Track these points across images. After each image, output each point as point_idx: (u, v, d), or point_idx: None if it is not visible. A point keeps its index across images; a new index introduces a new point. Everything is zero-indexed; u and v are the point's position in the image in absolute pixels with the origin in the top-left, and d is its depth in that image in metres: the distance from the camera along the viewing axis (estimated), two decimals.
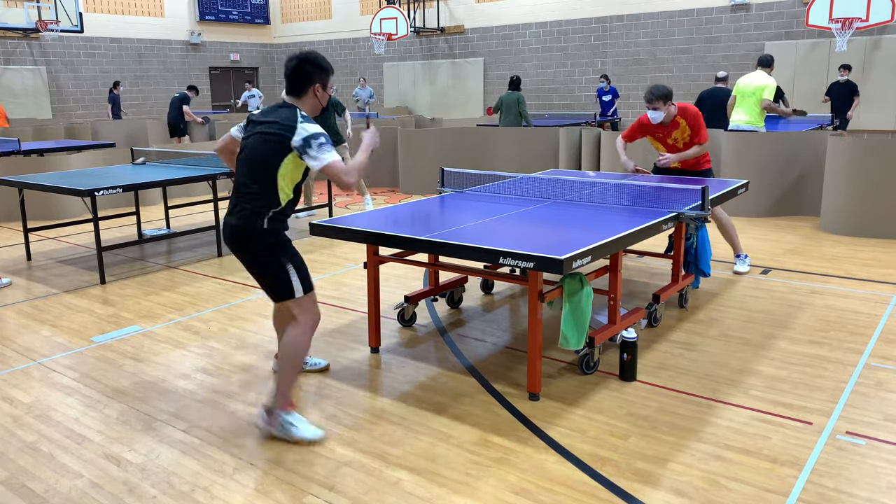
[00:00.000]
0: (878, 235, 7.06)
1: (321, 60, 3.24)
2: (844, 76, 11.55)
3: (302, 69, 3.20)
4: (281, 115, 3.17)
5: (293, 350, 3.22)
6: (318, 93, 3.25)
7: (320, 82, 3.24)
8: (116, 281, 5.97)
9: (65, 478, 2.94)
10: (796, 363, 4.01)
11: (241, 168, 3.24)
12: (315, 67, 3.22)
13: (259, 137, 3.18)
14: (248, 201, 3.16)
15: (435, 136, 10.34)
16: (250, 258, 3.22)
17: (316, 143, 3.09)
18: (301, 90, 3.23)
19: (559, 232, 3.70)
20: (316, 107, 3.29)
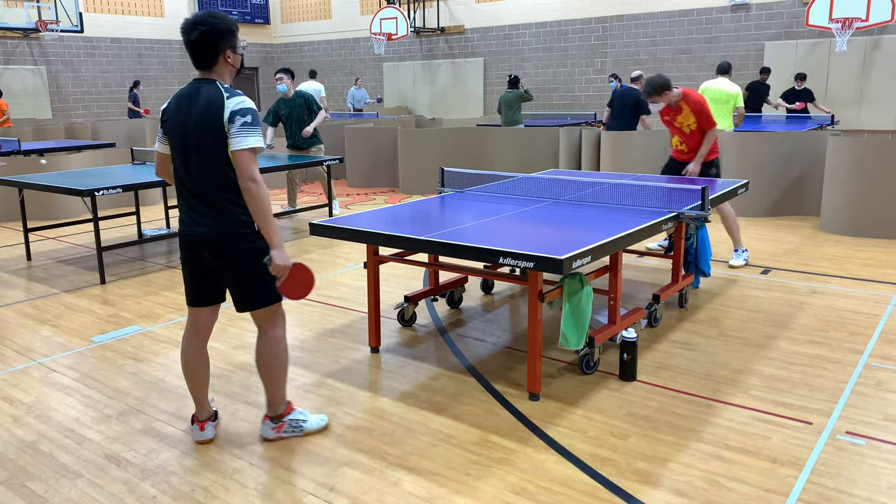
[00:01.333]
0: (878, 235, 7.06)
1: (225, 22, 2.87)
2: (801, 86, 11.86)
3: (206, 39, 2.83)
4: (203, 96, 2.82)
5: (282, 353, 3.10)
6: (229, 58, 2.92)
7: (229, 46, 2.90)
8: (116, 281, 5.97)
9: (65, 478, 2.94)
10: (796, 363, 4.01)
11: (188, 173, 2.88)
12: (219, 33, 2.85)
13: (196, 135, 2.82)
14: (214, 203, 2.85)
15: (435, 136, 10.34)
16: (235, 262, 2.92)
17: (240, 120, 2.76)
18: (212, 61, 2.89)
19: (559, 232, 3.70)
20: (232, 72, 2.97)
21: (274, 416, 3.18)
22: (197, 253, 2.98)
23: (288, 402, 3.22)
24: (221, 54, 2.90)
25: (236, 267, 2.93)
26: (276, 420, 3.18)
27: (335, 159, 7.81)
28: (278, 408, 3.18)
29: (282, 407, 3.19)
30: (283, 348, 3.11)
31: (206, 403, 3.25)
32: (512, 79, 11.29)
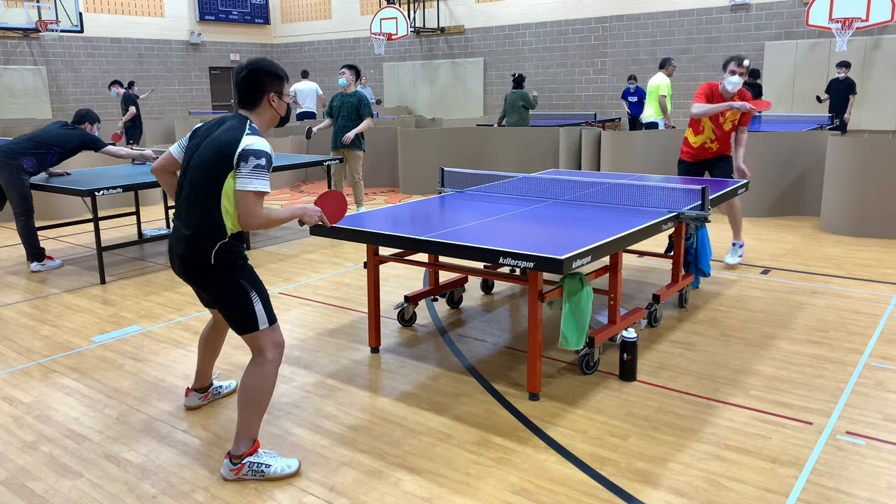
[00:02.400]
0: (878, 235, 7.06)
1: (274, 67, 2.94)
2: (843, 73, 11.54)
3: (253, 78, 2.90)
4: (226, 126, 2.87)
5: (263, 387, 2.90)
6: (273, 102, 2.95)
7: (275, 91, 2.94)
8: (116, 281, 5.97)
9: (65, 478, 2.94)
10: (796, 363, 4.01)
11: (184, 190, 2.90)
12: (267, 75, 2.92)
13: (200, 157, 2.84)
14: (192, 228, 2.83)
15: (435, 136, 10.34)
16: (205, 289, 2.91)
17: (252, 161, 2.73)
18: (254, 101, 2.93)
19: (559, 232, 3.70)
20: (273, 118, 3.01)
21: (235, 454, 2.90)
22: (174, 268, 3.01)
23: (254, 442, 2.94)
24: (265, 96, 2.94)
25: (208, 293, 2.92)
26: (236, 460, 2.89)
27: (335, 159, 7.81)
28: (241, 445, 2.91)
29: (245, 445, 2.91)
30: (265, 379, 2.91)
31: (203, 377, 3.53)
32: (517, 77, 11.20)
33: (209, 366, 3.54)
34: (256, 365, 2.93)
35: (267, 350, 2.92)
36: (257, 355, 2.93)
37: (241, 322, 2.90)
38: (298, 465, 2.96)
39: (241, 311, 2.88)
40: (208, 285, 2.89)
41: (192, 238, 2.83)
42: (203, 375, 3.55)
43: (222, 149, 2.77)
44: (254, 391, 2.90)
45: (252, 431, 2.92)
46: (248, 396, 2.90)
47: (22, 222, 6.15)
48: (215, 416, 3.48)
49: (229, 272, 2.88)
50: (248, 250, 7.01)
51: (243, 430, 2.92)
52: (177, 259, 2.91)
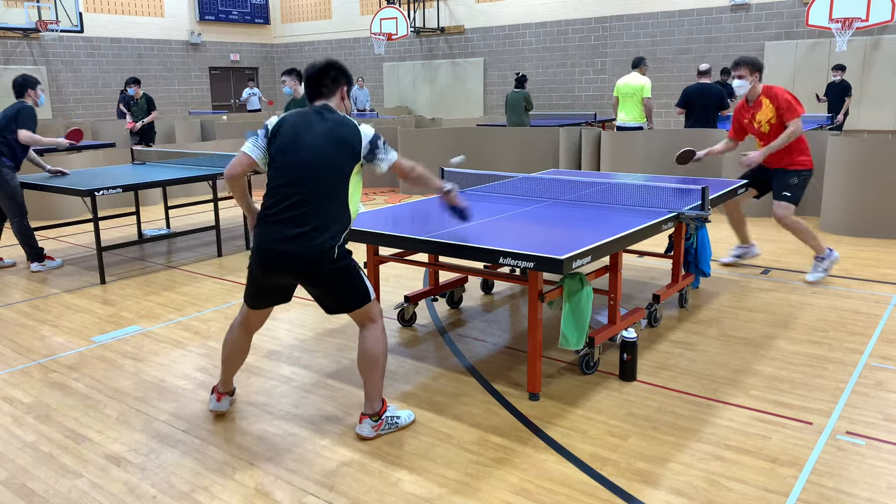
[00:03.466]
0: (878, 235, 7.06)
1: (345, 68, 3.21)
2: (838, 77, 11.59)
3: (330, 70, 3.13)
4: (334, 120, 3.03)
5: (381, 351, 3.16)
6: (344, 97, 3.18)
7: (346, 86, 3.19)
8: (116, 281, 5.97)
9: (65, 478, 2.94)
10: (796, 363, 4.01)
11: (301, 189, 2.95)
12: (340, 71, 3.16)
13: (319, 153, 2.96)
14: (317, 224, 2.94)
15: (435, 136, 10.34)
16: (323, 282, 3.03)
17: (381, 142, 3.08)
18: (331, 91, 3.13)
19: (559, 232, 3.70)
20: (341, 110, 3.18)
21: (373, 413, 3.20)
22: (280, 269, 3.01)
23: (383, 400, 3.24)
24: (340, 88, 3.15)
25: (327, 286, 3.04)
26: (375, 418, 3.19)
27: None
28: (376, 404, 3.20)
29: (379, 404, 3.21)
30: (383, 343, 3.18)
31: (230, 381, 3.48)
32: (519, 77, 11.23)
33: (236, 370, 3.47)
34: (372, 331, 3.15)
35: (377, 316, 3.17)
36: (369, 323, 3.15)
37: (358, 299, 3.09)
38: (415, 416, 3.36)
39: (358, 290, 3.09)
40: (331, 278, 3.00)
41: (316, 234, 2.92)
42: (230, 380, 3.49)
43: (348, 143, 2.99)
44: (378, 356, 3.14)
45: (381, 390, 3.20)
46: (373, 361, 3.13)
47: (16, 223, 6.12)
48: (215, 415, 3.48)
49: (348, 259, 3.05)
50: (248, 251, 7.01)
51: (374, 390, 3.17)
52: (292, 259, 2.94)
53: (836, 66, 11.64)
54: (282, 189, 2.98)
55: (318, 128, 3.00)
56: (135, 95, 11.36)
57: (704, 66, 9.38)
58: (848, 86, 11.59)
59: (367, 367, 3.16)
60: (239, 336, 3.35)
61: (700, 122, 9.13)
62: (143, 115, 11.41)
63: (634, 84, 9.43)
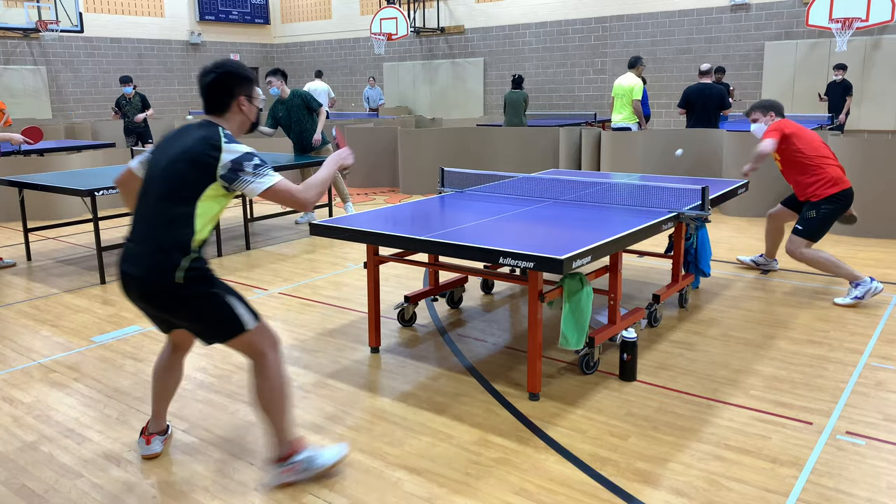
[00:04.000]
0: (878, 235, 7.06)
1: (241, 69, 2.77)
2: (839, 76, 11.59)
3: (220, 82, 2.72)
4: (198, 134, 2.65)
5: (278, 388, 2.76)
6: (243, 107, 2.78)
7: (244, 94, 2.77)
8: (116, 281, 5.97)
9: (65, 478, 2.94)
10: (796, 363, 4.01)
11: (144, 205, 2.67)
12: (236, 77, 2.74)
13: (171, 165, 2.62)
14: (154, 247, 2.59)
15: (435, 136, 10.34)
16: (171, 310, 2.64)
17: (250, 163, 2.61)
18: (223, 106, 2.75)
19: (559, 232, 3.70)
20: (244, 123, 2.83)
21: (280, 457, 2.82)
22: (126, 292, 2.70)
23: (294, 441, 2.84)
24: (235, 101, 2.76)
25: (178, 314, 2.66)
26: (281, 463, 2.82)
27: None
28: (282, 447, 2.81)
29: (287, 446, 2.82)
30: (275, 377, 2.76)
31: (161, 417, 3.10)
32: (516, 78, 11.29)
33: (168, 403, 3.11)
34: (260, 371, 2.75)
35: (265, 350, 2.75)
36: (257, 359, 2.75)
37: (226, 328, 2.68)
38: (347, 451, 3.03)
39: (222, 318, 2.67)
40: (177, 305, 2.62)
41: (156, 254, 2.57)
42: (161, 415, 3.11)
43: (198, 158, 2.58)
44: (270, 398, 2.75)
45: (286, 432, 2.81)
46: (266, 404, 2.76)
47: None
48: (216, 415, 3.48)
49: (200, 285, 2.63)
50: (248, 250, 7.01)
51: (278, 433, 2.80)
52: (135, 281, 2.61)
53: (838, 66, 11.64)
54: (137, 205, 2.72)
55: (180, 142, 2.67)
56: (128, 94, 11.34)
57: (705, 66, 9.35)
58: (849, 85, 11.60)
59: (261, 406, 2.76)
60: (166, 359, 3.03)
61: (701, 122, 9.13)
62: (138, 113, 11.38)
63: (625, 85, 9.47)
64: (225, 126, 2.75)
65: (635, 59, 9.53)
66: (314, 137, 7.88)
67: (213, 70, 2.73)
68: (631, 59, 9.56)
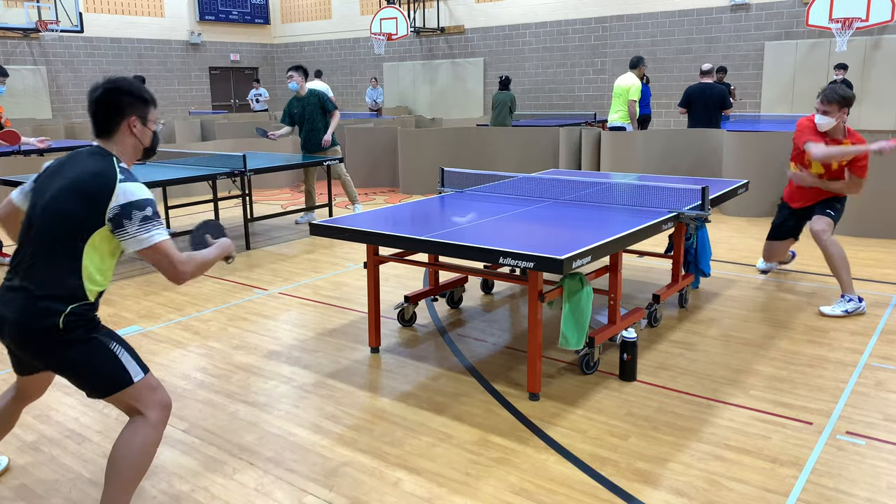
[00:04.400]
0: (878, 235, 7.06)
1: (134, 87, 2.44)
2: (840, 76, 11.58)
3: (108, 100, 2.39)
4: (90, 167, 2.33)
5: (142, 458, 2.36)
6: (134, 128, 2.44)
7: (137, 114, 2.44)
8: (116, 281, 5.97)
9: (65, 478, 2.94)
10: (796, 363, 4.01)
11: (27, 241, 2.35)
12: (127, 95, 2.41)
13: (56, 201, 2.30)
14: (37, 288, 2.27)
15: (435, 136, 10.34)
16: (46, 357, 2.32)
17: (139, 214, 2.29)
18: (110, 128, 2.42)
19: (559, 232, 3.70)
20: (137, 148, 2.50)
21: None
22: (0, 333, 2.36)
23: None
24: (125, 121, 2.43)
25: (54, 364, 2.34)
26: None
27: (335, 159, 7.82)
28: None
29: None
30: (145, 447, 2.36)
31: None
32: (503, 80, 11.56)
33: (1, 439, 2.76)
34: (135, 429, 2.36)
35: (149, 409, 2.39)
36: (135, 414, 2.39)
37: (108, 382, 2.35)
38: None
39: (104, 369, 2.34)
40: (52, 353, 2.30)
41: (36, 299, 2.26)
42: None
43: (88, 197, 2.28)
44: (129, 464, 2.33)
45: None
46: (121, 467, 2.33)
47: None
48: (216, 415, 3.48)
49: (81, 331, 2.32)
50: (248, 250, 7.01)
51: None
52: (7, 326, 2.29)
53: (839, 65, 11.64)
54: (20, 240, 2.41)
55: (70, 172, 2.35)
56: None
57: (707, 65, 9.37)
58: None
59: (108, 470, 2.35)
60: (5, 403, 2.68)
61: (702, 122, 9.14)
62: None
63: (624, 85, 9.45)
64: (116, 151, 2.44)
65: (637, 59, 9.52)
66: (324, 138, 7.98)
67: (102, 85, 2.42)
68: (633, 60, 9.56)
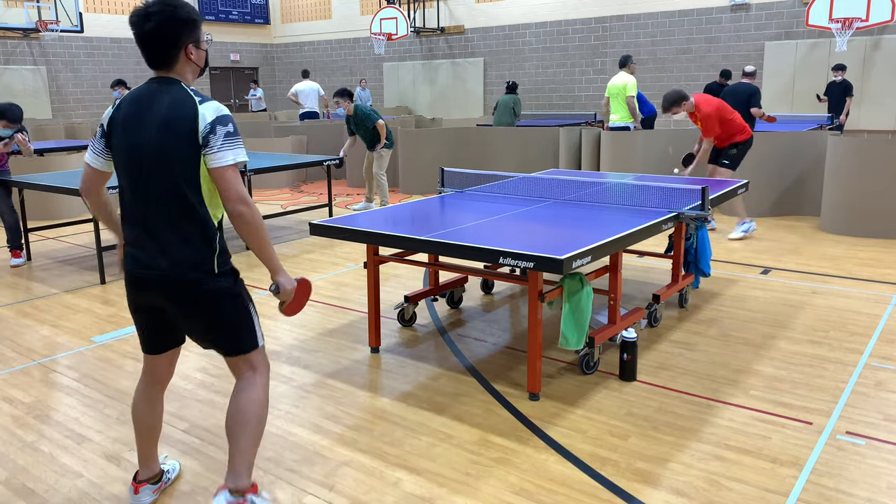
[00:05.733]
0: (878, 235, 7.06)
1: (183, 11, 2.34)
2: (839, 76, 11.59)
3: (162, 32, 2.31)
4: (168, 102, 2.32)
5: (263, 410, 2.52)
6: (191, 54, 2.40)
7: (191, 40, 2.38)
8: (116, 281, 5.97)
9: (65, 478, 2.94)
10: (796, 363, 4.01)
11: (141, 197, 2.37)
12: (180, 22, 2.33)
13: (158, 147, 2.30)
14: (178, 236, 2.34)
15: (435, 136, 10.34)
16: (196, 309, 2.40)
17: (222, 129, 2.29)
18: (170, 58, 2.36)
19: (559, 232, 3.70)
20: (194, 70, 2.45)
21: (237, 488, 2.47)
22: (148, 294, 2.43)
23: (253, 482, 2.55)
24: (182, 49, 2.37)
25: (201, 316, 2.42)
26: (237, 494, 2.46)
27: (335, 159, 7.81)
28: (242, 478, 2.48)
29: (246, 480, 2.49)
30: (260, 400, 2.52)
31: (151, 461, 2.74)
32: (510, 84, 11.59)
33: (155, 443, 2.74)
34: (252, 385, 2.51)
35: (262, 367, 2.55)
36: (250, 375, 2.52)
37: (243, 340, 2.47)
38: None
39: (243, 327, 2.47)
40: (207, 304, 2.39)
41: (186, 246, 2.34)
42: (150, 458, 2.74)
43: (183, 130, 2.28)
44: (253, 415, 2.49)
45: (252, 459, 2.51)
46: (245, 421, 2.47)
47: None
48: (216, 415, 3.48)
49: (232, 280, 2.44)
50: (249, 250, 7.01)
51: (243, 459, 2.47)
52: (160, 280, 2.36)
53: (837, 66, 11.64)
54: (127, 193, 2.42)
55: (153, 115, 2.33)
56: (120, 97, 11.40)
57: (750, 67, 9.51)
58: (849, 85, 11.59)
59: (235, 426, 2.48)
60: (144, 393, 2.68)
61: None
62: None
63: (618, 84, 9.46)
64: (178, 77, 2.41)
65: (625, 57, 9.58)
66: (378, 145, 8.91)
67: (148, 17, 2.29)
68: (621, 59, 9.59)
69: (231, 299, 2.43)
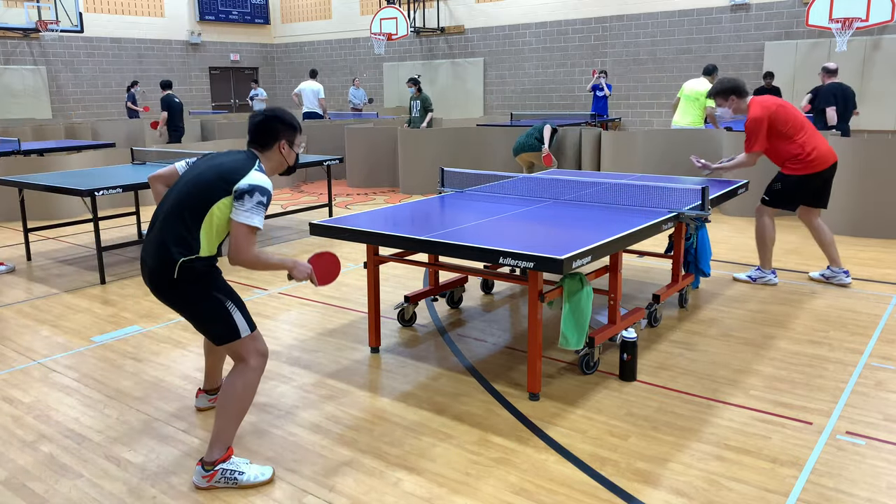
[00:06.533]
0: (878, 235, 7.06)
1: (289, 117, 3.00)
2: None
3: (268, 124, 2.96)
4: (236, 156, 2.91)
5: (244, 395, 2.87)
6: (283, 150, 2.99)
7: (286, 139, 2.99)
8: (116, 281, 5.97)
9: (65, 478, 2.94)
10: (796, 363, 4.01)
11: (167, 203, 2.88)
12: (282, 123, 2.97)
13: (200, 175, 2.85)
14: (165, 240, 2.79)
15: (435, 136, 10.34)
16: (176, 303, 2.87)
17: (258, 197, 2.77)
18: (265, 144, 2.97)
19: (559, 232, 3.70)
20: (281, 164, 3.03)
21: (208, 460, 2.85)
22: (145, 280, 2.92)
23: (228, 448, 2.89)
24: (277, 143, 2.98)
25: (178, 307, 2.87)
26: (208, 467, 2.84)
27: (335, 159, 7.81)
28: (214, 451, 2.86)
29: (219, 452, 2.86)
30: (246, 387, 2.87)
31: (213, 377, 3.49)
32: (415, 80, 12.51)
33: (219, 366, 3.46)
34: (239, 372, 2.88)
35: (250, 357, 2.89)
36: (239, 363, 2.90)
37: (221, 332, 2.86)
38: (272, 474, 2.92)
39: (218, 322, 2.85)
40: (177, 299, 2.84)
41: (163, 249, 2.77)
42: (212, 376, 3.48)
43: (226, 175, 2.79)
44: (234, 398, 2.85)
45: (227, 438, 2.87)
46: (227, 403, 2.86)
47: None
48: None
49: (199, 285, 2.83)
50: None
51: (218, 435, 2.87)
52: (147, 271, 2.86)
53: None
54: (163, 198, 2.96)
55: (219, 158, 2.92)
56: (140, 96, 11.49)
57: (832, 64, 9.13)
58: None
59: (220, 405, 2.89)
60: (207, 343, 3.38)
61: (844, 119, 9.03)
62: None
63: (699, 89, 9.02)
64: (263, 159, 2.96)
65: (712, 66, 9.18)
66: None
67: (263, 113, 2.99)
68: (708, 66, 9.21)
69: (197, 297, 2.84)
